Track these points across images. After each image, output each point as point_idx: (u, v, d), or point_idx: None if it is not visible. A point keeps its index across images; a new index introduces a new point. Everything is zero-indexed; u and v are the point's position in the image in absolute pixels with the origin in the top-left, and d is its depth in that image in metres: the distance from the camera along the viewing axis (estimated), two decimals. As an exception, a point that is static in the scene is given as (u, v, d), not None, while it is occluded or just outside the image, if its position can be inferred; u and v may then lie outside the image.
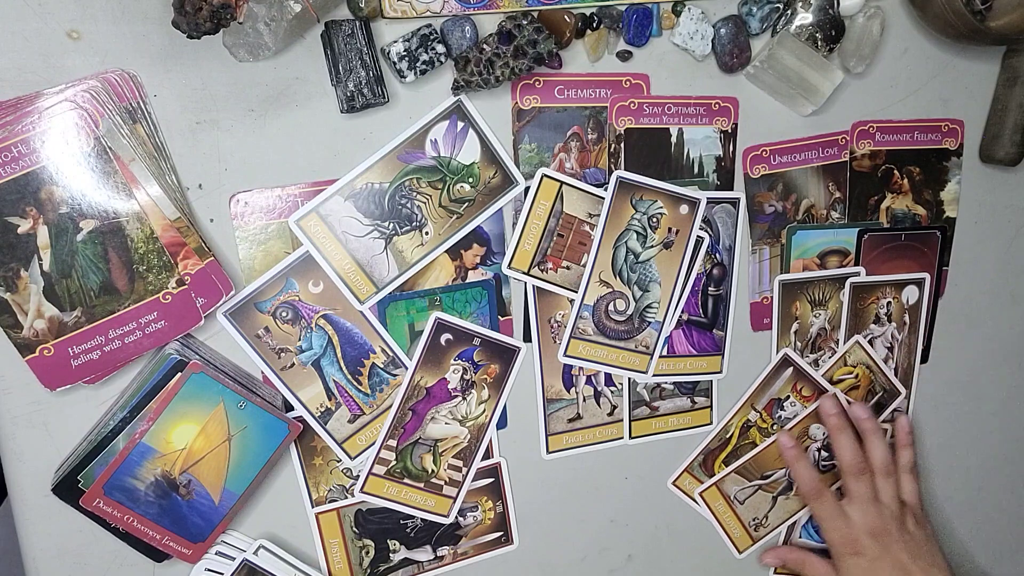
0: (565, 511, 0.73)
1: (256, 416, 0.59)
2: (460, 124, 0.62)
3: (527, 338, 0.68)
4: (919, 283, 0.76)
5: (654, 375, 0.71)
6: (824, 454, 0.76)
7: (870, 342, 0.76)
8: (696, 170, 0.68)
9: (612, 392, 0.71)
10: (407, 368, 0.65)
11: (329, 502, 0.66)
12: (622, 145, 0.66)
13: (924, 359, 0.79)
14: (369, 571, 0.68)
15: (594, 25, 0.62)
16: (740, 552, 0.78)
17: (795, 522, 0.78)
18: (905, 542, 0.72)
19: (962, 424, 0.82)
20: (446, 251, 0.64)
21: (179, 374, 0.57)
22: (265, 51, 0.54)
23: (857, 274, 0.74)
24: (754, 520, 0.77)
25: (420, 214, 0.63)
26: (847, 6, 0.67)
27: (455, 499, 0.69)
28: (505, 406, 0.69)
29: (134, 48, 0.54)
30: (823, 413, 0.74)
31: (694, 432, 0.74)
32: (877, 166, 0.73)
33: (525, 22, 0.59)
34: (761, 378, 0.74)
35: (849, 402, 0.75)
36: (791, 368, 0.74)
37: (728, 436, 0.75)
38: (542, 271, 0.66)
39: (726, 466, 0.75)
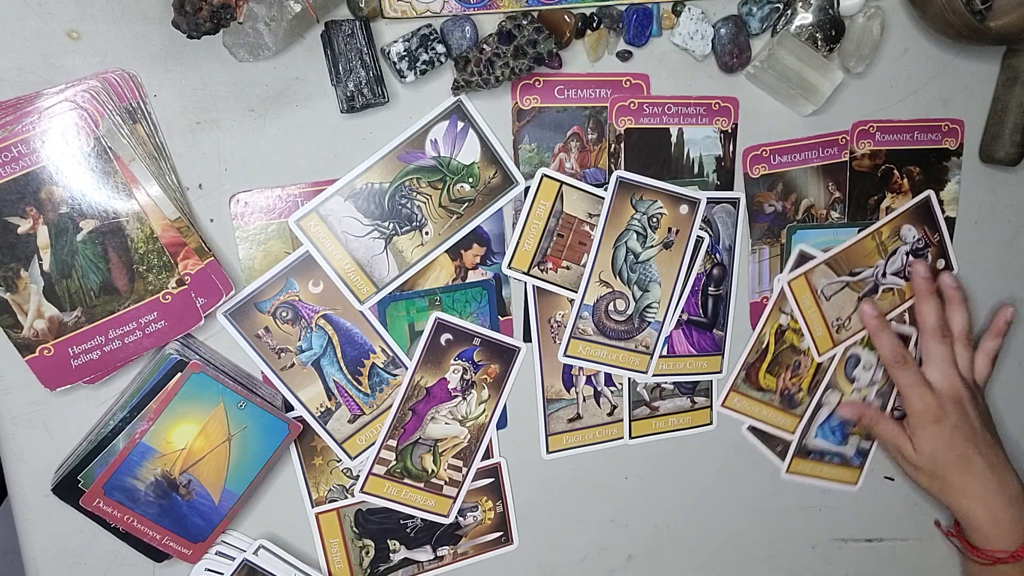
0: (565, 511, 0.73)
1: (256, 416, 0.59)
2: (460, 124, 0.62)
3: (527, 338, 0.68)
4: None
5: (654, 375, 0.71)
6: (912, 259, 0.75)
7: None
8: (696, 170, 0.68)
9: (612, 392, 0.71)
10: (407, 368, 0.65)
11: (329, 502, 0.66)
12: (622, 145, 0.66)
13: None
14: (369, 571, 0.68)
15: (594, 25, 0.62)
16: (820, 354, 0.75)
17: (812, 420, 0.77)
18: (979, 413, 0.72)
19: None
20: (446, 251, 0.64)
21: (179, 374, 0.57)
22: (265, 51, 0.54)
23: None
24: (837, 320, 0.74)
25: (420, 214, 0.63)
26: (847, 6, 0.67)
27: (455, 499, 0.69)
28: (505, 406, 0.69)
29: (134, 48, 0.54)
30: (913, 274, 0.73)
31: (694, 432, 0.74)
32: (877, 166, 0.73)
33: (525, 22, 0.59)
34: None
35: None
36: (810, 261, 0.73)
37: (764, 345, 0.74)
38: (542, 271, 0.66)
39: (771, 375, 0.74)
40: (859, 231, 0.73)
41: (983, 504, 0.72)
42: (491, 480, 0.70)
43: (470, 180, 0.63)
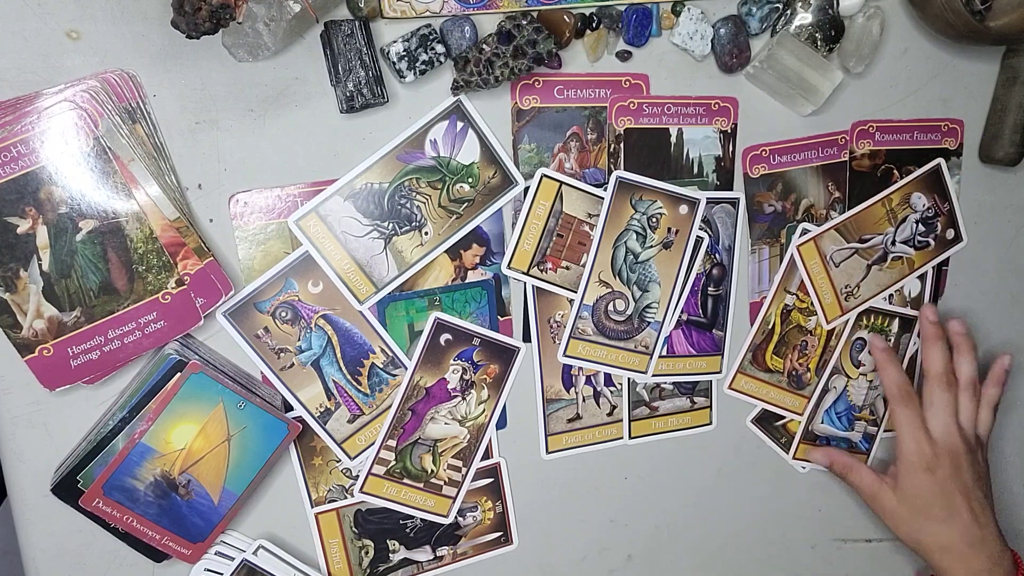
0: (565, 511, 0.73)
1: (255, 416, 0.59)
2: (460, 124, 0.62)
3: (527, 338, 0.68)
4: (921, 276, 0.76)
5: (654, 375, 0.71)
6: (922, 228, 0.74)
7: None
8: (696, 170, 0.68)
9: (612, 392, 0.71)
10: (407, 368, 0.65)
11: (329, 502, 0.66)
12: (621, 145, 0.66)
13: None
14: (369, 571, 0.68)
15: (594, 25, 0.62)
16: (828, 321, 0.74)
17: (819, 406, 0.77)
18: (974, 468, 0.71)
19: (962, 424, 0.82)
20: (446, 251, 0.64)
21: (178, 374, 0.57)
22: (264, 51, 0.54)
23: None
24: (846, 288, 0.73)
25: (420, 214, 0.63)
26: (847, 6, 0.66)
27: (455, 499, 0.69)
28: (505, 406, 0.69)
29: (134, 48, 0.54)
30: (922, 318, 0.73)
31: (694, 432, 0.74)
32: (877, 166, 0.73)
33: (525, 22, 0.59)
34: (786, 262, 0.72)
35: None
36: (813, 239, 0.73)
37: (771, 326, 0.74)
38: (541, 271, 0.66)
39: (778, 356, 0.74)
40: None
41: (963, 561, 0.70)
42: (491, 480, 0.70)
43: (470, 180, 0.63)
